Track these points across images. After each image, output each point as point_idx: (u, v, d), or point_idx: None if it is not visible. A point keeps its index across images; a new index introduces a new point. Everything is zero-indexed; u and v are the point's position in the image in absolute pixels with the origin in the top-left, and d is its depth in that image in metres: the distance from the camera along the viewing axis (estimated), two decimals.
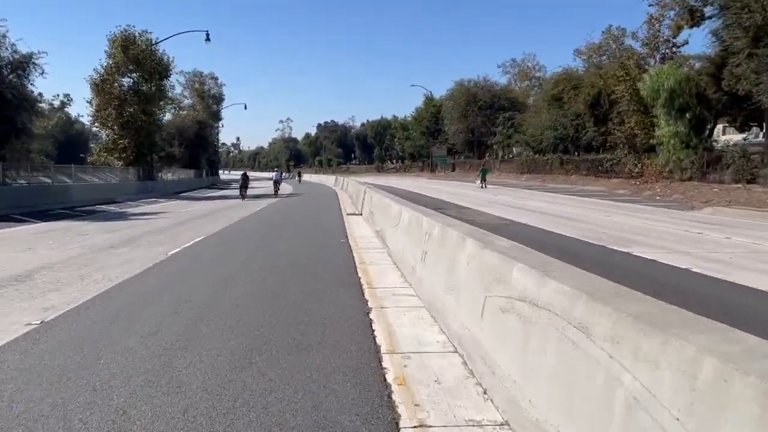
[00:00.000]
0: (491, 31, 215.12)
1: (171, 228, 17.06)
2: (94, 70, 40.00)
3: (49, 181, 30.79)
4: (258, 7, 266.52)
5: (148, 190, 41.39)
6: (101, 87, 39.75)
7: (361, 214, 20.46)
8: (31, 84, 33.30)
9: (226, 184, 79.79)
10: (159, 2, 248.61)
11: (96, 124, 41.56)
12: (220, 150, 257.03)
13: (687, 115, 28.57)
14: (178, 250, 12.16)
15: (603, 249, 12.03)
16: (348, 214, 21.11)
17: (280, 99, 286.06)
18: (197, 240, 13.88)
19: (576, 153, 46.27)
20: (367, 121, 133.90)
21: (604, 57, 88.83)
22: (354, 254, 11.18)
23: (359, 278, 8.62)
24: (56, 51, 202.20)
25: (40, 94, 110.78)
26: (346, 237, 14.20)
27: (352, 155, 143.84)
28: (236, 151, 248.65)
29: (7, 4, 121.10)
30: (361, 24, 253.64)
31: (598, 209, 22.41)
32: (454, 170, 73.36)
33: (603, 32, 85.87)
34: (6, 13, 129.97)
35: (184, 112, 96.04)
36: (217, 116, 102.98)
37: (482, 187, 42.54)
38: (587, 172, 40.67)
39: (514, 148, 57.01)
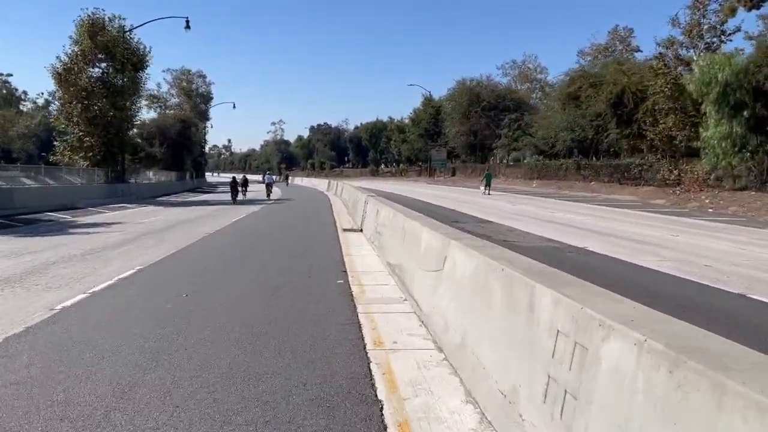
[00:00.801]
0: (490, 32, 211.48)
1: (102, 251, 12.56)
2: (57, 57, 35.42)
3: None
4: (252, 7, 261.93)
5: (118, 194, 36.81)
6: (64, 77, 35.13)
7: (361, 231, 16.06)
8: None
9: (212, 188, 75.27)
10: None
11: (61, 120, 36.82)
12: (210, 152, 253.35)
13: (744, 113, 24.27)
14: (68, 303, 7.55)
15: (749, 303, 7.70)
16: (344, 230, 16.73)
17: (272, 101, 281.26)
18: (120, 277, 9.40)
19: (594, 157, 42.08)
20: (361, 124, 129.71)
21: (610, 58, 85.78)
22: (361, 318, 6.69)
23: (382, 412, 4.09)
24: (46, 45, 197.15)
25: (25, 93, 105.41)
26: (345, 273, 9.79)
27: (346, 158, 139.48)
28: (227, 153, 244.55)
29: None
30: (355, 24, 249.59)
31: (653, 225, 18.11)
32: (454, 175, 69.10)
33: (609, 32, 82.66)
34: None
35: (172, 111, 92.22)
36: (204, 116, 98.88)
37: (486, 193, 38.44)
38: (609, 179, 36.47)
39: (526, 153, 52.61)
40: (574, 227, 17.51)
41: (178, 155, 62.09)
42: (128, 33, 38.61)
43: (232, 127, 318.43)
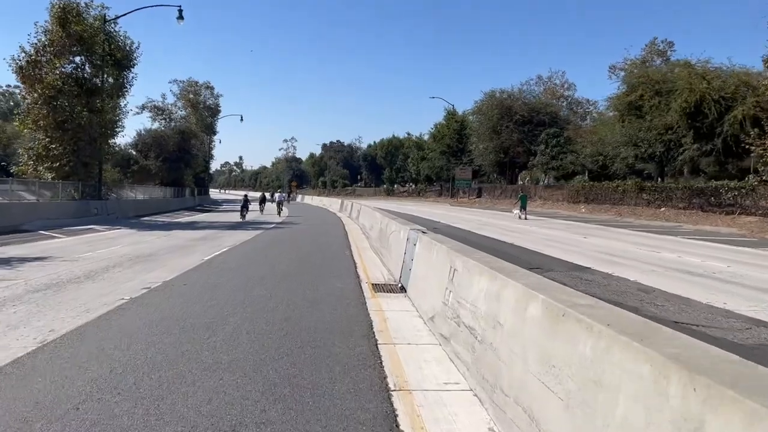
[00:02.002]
0: (511, 47, 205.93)
1: None
2: (20, 47, 29.50)
3: None
4: (266, 26, 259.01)
5: (91, 212, 30.65)
6: (28, 72, 29.18)
7: (403, 291, 9.45)
8: None
9: (216, 205, 69.26)
10: (165, 15, 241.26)
11: (27, 123, 30.72)
12: (221, 168, 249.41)
13: None
14: None
15: None
16: (374, 288, 10.09)
17: (285, 118, 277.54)
18: None
19: (660, 178, 35.33)
20: (374, 142, 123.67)
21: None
22: None
23: None
24: None
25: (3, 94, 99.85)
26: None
27: (359, 177, 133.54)
28: (238, 171, 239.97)
29: None
30: (370, 42, 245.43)
31: None
32: (479, 196, 62.55)
33: (646, 45, 76.38)
34: None
35: (177, 124, 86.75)
36: (211, 129, 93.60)
37: (523, 218, 32.68)
38: (687, 205, 29.76)
39: (576, 173, 45.67)
40: (751, 287, 10.91)
41: (176, 169, 56.11)
42: (110, 23, 32.72)
43: (244, 145, 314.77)
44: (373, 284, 10.17)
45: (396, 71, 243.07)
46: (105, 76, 32.79)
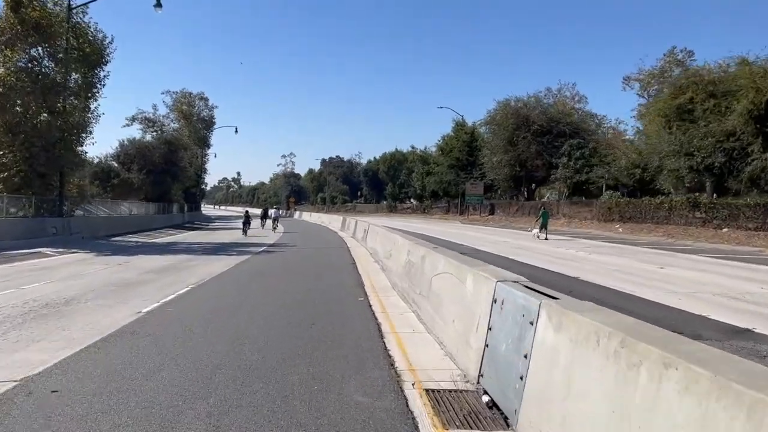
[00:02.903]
0: (516, 60, 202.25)
1: None
2: None
3: None
4: (263, 41, 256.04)
5: (49, 231, 25.79)
6: None
7: (499, 414, 4.49)
8: None
9: (207, 223, 64.30)
10: (156, 25, 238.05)
11: None
12: (219, 184, 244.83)
13: None
14: None
15: None
16: (433, 404, 5.05)
17: (283, 134, 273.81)
18: None
19: (716, 194, 30.43)
20: (374, 158, 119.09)
21: (666, 84, 74.86)
22: None
23: None
24: None
25: None
26: None
27: (359, 193, 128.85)
28: (236, 186, 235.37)
29: None
30: (369, 55, 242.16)
31: None
32: (492, 213, 57.65)
33: (664, 55, 71.99)
34: None
35: (165, 134, 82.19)
36: (205, 142, 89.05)
37: (543, 237, 28.44)
38: (761, 225, 24.89)
39: (608, 187, 40.47)
40: None
41: (162, 183, 51.23)
42: (77, 11, 28.09)
43: (242, 160, 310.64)
44: (427, 390, 5.18)
45: (398, 84, 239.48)
46: (69, 72, 28.08)
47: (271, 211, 55.70)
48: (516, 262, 17.69)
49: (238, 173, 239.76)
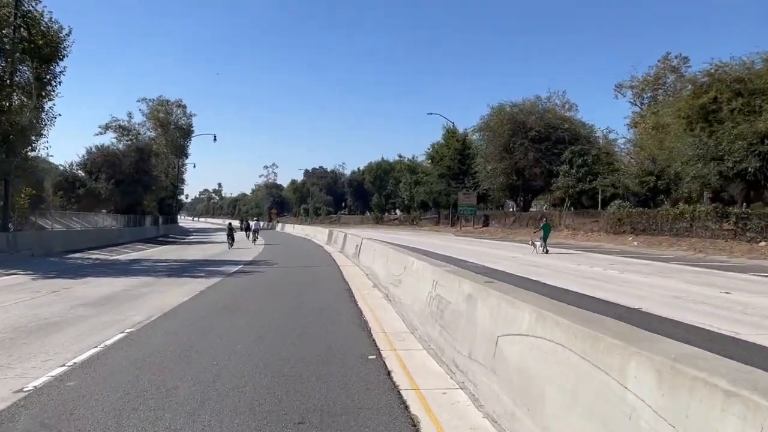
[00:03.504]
0: (502, 69, 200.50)
1: None
2: None
3: None
4: (248, 51, 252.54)
5: None
6: None
7: None
8: None
9: (183, 236, 60.41)
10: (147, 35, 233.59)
11: None
12: (200, 196, 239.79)
13: None
14: None
15: None
16: None
17: (265, 144, 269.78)
18: None
19: (745, 203, 27.47)
20: (358, 169, 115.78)
21: (660, 91, 72.71)
22: None
23: None
24: None
25: None
26: None
27: (343, 204, 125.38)
28: (217, 198, 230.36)
29: None
30: (351, 65, 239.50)
31: None
32: (486, 224, 54.53)
33: (658, 61, 69.87)
34: None
35: (156, 149, 78.71)
36: (183, 151, 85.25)
37: (544, 251, 25.93)
38: None
39: (615, 196, 37.28)
40: None
41: (132, 194, 47.41)
42: None
43: (223, 171, 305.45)
44: None
45: (382, 93, 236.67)
46: (16, 65, 24.51)
47: (252, 223, 52.49)
48: (545, 285, 14.46)
49: (219, 184, 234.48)
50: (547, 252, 26.25)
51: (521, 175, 48.45)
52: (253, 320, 9.55)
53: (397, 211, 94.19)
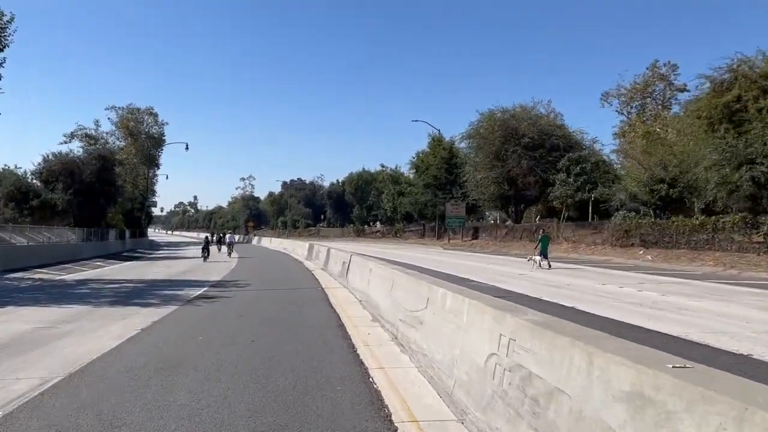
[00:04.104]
0: (485, 78, 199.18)
1: None
2: None
3: None
4: (222, 61, 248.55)
5: None
6: None
7: None
8: None
9: (153, 250, 56.34)
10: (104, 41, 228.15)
11: None
12: (176, 209, 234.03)
13: None
14: None
15: None
16: None
17: (242, 156, 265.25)
18: None
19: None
20: (337, 181, 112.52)
21: (648, 99, 70.78)
22: None
23: None
24: None
25: None
26: None
27: (322, 216, 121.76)
28: (193, 211, 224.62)
29: None
30: (330, 76, 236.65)
31: None
32: (476, 237, 51.47)
33: (647, 69, 67.96)
34: None
35: (119, 157, 74.71)
36: (154, 161, 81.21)
37: (546, 266, 23.47)
38: None
39: (621, 207, 34.29)
40: None
41: (94, 205, 43.42)
42: None
43: (199, 184, 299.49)
44: None
45: (361, 104, 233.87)
46: None
47: (227, 236, 48.99)
48: (590, 315, 11.33)
49: (195, 197, 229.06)
50: (549, 267, 23.39)
51: (514, 184, 45.59)
52: (200, 390, 6.12)
53: (378, 223, 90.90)
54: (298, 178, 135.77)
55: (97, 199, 43.54)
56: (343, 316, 11.38)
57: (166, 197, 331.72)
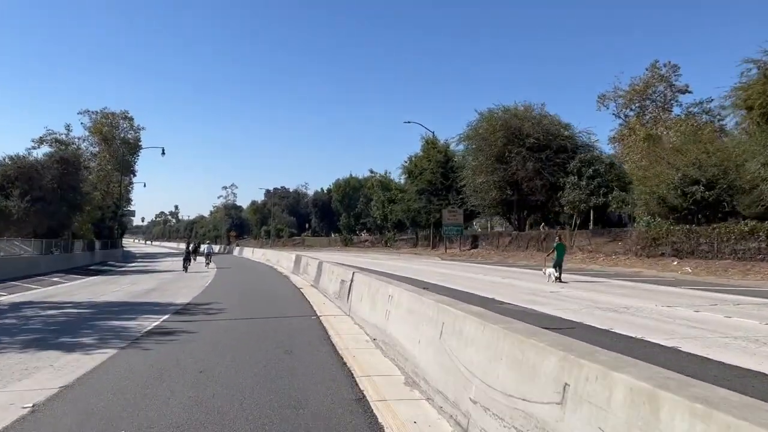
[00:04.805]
0: (476, 80, 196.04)
1: None
2: None
3: None
4: (203, 68, 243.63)
5: None
6: None
7: None
8: None
9: (125, 263, 51.83)
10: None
11: None
12: (156, 219, 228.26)
13: None
14: None
15: None
16: None
17: (224, 164, 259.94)
18: None
19: None
20: (321, 189, 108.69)
21: (648, 102, 67.86)
22: None
23: None
24: None
25: None
26: None
27: (307, 225, 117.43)
28: (174, 221, 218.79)
29: None
30: (313, 78, 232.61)
31: None
32: (475, 246, 47.73)
33: (646, 70, 65.12)
34: None
35: (93, 163, 70.29)
36: (129, 167, 76.81)
37: (555, 278, 20.39)
38: None
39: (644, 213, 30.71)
40: None
41: (56, 213, 39.05)
42: None
43: (181, 193, 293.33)
44: None
45: (346, 110, 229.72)
46: None
47: (203, 247, 45.16)
48: (692, 357, 7.67)
49: (176, 207, 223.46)
50: (560, 280, 20.39)
51: (518, 188, 42.01)
52: None
53: (363, 233, 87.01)
54: (281, 186, 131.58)
55: (60, 206, 39.15)
56: (358, 373, 7.51)
57: (147, 207, 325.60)
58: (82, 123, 70.11)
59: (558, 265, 20.85)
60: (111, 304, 17.13)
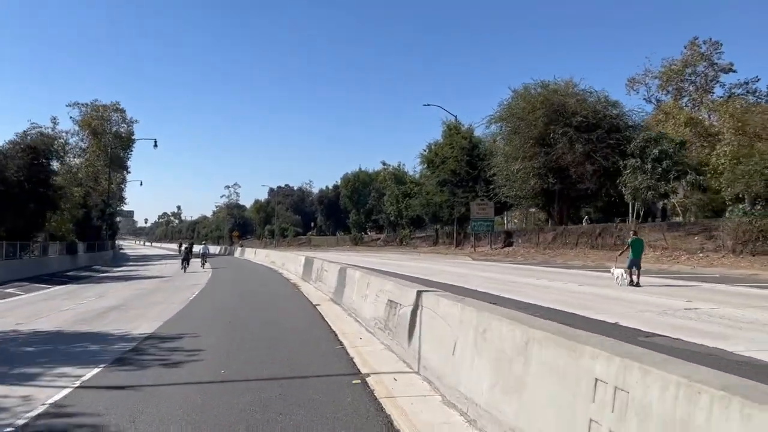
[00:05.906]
0: (485, 71, 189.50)
1: None
2: None
3: None
4: (205, 67, 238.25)
5: None
6: None
7: None
8: None
9: (113, 267, 45.85)
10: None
11: None
12: (159, 220, 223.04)
13: None
14: None
15: None
16: None
17: (227, 163, 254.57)
18: None
19: None
20: (327, 186, 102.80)
21: (686, 83, 61.53)
22: None
23: None
24: None
25: None
26: None
27: (312, 224, 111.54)
28: (176, 221, 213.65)
29: None
30: (312, 86, 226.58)
31: None
32: (509, 245, 41.62)
33: (685, 47, 58.97)
34: None
35: (79, 160, 64.67)
36: (121, 164, 71.15)
37: (631, 281, 16.56)
38: None
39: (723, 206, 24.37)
40: None
41: (23, 211, 33.21)
42: None
43: (184, 194, 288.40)
44: None
45: (350, 105, 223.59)
46: None
47: (197, 248, 39.69)
48: None
49: (179, 207, 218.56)
50: (638, 284, 16.50)
51: (564, 175, 35.89)
52: None
53: (393, 228, 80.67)
54: (285, 185, 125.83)
55: (26, 203, 33.30)
56: None
57: (150, 209, 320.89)
58: (71, 117, 64.72)
59: (635, 266, 16.90)
60: (31, 338, 11.25)
